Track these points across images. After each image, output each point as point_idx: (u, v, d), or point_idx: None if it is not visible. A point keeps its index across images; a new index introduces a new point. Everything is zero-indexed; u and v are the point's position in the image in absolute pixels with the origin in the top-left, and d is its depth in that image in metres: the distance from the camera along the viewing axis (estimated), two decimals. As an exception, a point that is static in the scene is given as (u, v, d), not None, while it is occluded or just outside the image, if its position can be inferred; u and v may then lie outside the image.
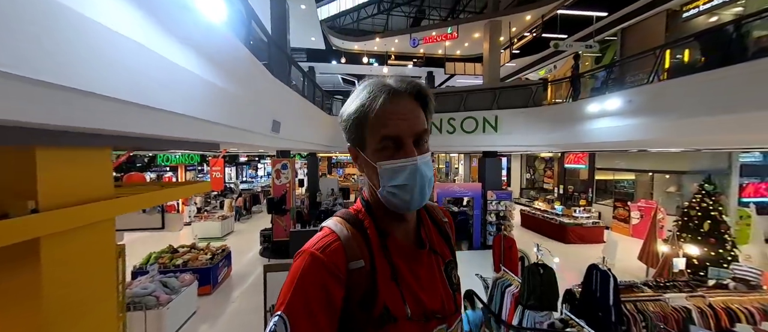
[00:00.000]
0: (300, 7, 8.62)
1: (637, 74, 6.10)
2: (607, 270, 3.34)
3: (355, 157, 0.63)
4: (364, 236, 0.59)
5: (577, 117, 6.65)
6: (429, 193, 0.59)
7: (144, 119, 1.71)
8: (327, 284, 0.52)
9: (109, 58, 1.35)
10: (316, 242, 0.57)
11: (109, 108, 1.44)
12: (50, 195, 1.52)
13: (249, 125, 3.36)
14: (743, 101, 3.73)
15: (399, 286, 0.58)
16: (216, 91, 2.45)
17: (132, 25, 1.48)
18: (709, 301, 3.58)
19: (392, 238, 0.61)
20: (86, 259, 1.75)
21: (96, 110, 1.39)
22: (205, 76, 2.23)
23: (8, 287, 1.47)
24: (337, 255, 0.55)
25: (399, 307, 0.56)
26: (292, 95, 5.50)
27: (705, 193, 5.91)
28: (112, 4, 1.37)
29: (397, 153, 0.57)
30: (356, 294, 0.55)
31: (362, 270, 0.56)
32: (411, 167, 0.55)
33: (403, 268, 0.60)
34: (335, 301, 0.53)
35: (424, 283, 0.62)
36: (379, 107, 0.55)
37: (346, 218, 0.62)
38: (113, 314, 1.99)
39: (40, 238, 1.45)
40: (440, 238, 0.71)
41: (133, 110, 1.59)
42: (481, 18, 9.67)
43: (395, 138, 0.56)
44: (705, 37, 4.57)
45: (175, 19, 1.86)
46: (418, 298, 0.59)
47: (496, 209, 8.49)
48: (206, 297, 5.57)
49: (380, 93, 0.56)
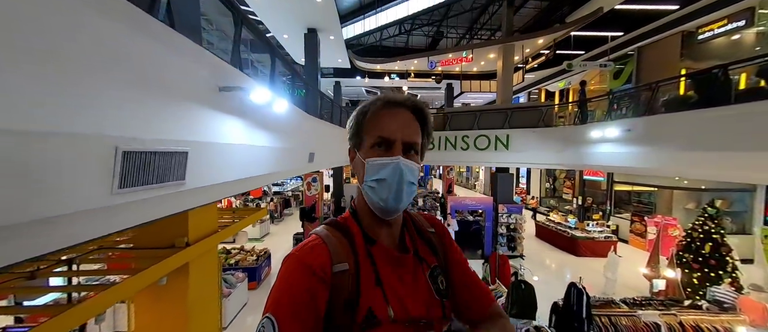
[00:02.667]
0: (329, 38, 9.76)
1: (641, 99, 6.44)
2: (582, 288, 3.98)
3: (352, 157, 0.68)
4: (349, 241, 0.62)
5: (584, 140, 7.09)
6: (407, 198, 0.62)
7: (243, 185, 2.74)
8: (312, 286, 0.55)
9: (233, 158, 2.37)
10: (303, 248, 0.60)
11: (232, 187, 2.47)
12: (193, 234, 2.60)
13: (294, 164, 4.40)
14: (733, 141, 4.09)
15: (383, 290, 0.59)
16: (276, 150, 3.47)
17: (241, 136, 2.50)
18: (680, 319, 4.10)
19: (378, 244, 0.64)
20: (207, 270, 2.82)
21: (224, 189, 2.42)
22: (271, 145, 3.25)
23: (172, 288, 2.55)
24: (321, 258, 0.57)
25: (382, 309, 0.58)
26: (323, 124, 6.53)
27: (708, 216, 6.15)
28: (235, 129, 2.39)
29: (385, 154, 0.62)
30: (340, 296, 0.57)
31: (346, 273, 0.58)
32: (393, 165, 0.60)
33: (388, 273, 0.62)
34: (320, 302, 0.55)
35: (409, 289, 0.63)
36: (377, 110, 0.63)
37: (333, 225, 0.66)
38: (217, 303, 3.08)
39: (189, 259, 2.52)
40: (425, 246, 0.73)
41: (240, 182, 2.62)
42: (494, 42, 10.21)
43: (387, 139, 0.62)
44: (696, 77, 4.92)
45: (260, 121, 2.88)
46: (402, 302, 0.60)
47: (507, 222, 9.05)
48: (253, 292, 6.79)
49: (379, 101, 0.64)
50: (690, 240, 6.29)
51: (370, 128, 0.64)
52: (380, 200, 0.60)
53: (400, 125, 0.62)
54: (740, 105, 4.15)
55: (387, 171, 0.60)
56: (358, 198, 0.68)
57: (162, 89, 1.65)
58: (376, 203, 0.61)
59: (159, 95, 1.62)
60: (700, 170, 5.04)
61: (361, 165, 0.64)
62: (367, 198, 0.63)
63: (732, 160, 4.24)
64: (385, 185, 0.60)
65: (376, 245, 0.64)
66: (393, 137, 0.62)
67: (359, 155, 0.65)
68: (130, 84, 1.41)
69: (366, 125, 0.64)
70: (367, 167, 0.62)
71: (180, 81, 1.83)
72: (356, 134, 0.66)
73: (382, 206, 0.61)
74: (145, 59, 1.52)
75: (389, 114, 0.63)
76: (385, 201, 0.60)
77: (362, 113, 0.65)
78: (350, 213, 0.69)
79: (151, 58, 1.57)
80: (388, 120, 0.63)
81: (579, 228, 9.68)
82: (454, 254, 0.75)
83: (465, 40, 13.28)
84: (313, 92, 6.59)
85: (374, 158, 0.62)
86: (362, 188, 0.64)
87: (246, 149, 2.66)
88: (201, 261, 2.70)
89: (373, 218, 0.65)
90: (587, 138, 6.87)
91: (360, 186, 0.65)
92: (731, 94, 4.42)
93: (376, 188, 0.61)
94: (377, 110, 0.63)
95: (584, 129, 7.06)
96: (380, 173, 0.60)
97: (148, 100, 1.53)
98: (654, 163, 5.43)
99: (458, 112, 9.91)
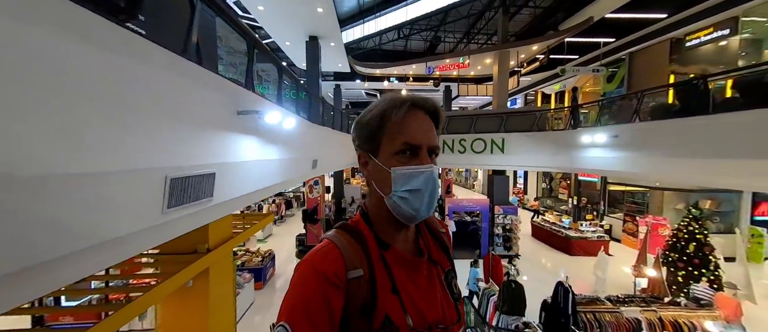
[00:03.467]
0: (330, 44, 10.03)
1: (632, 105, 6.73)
2: (569, 287, 4.29)
3: (365, 163, 0.66)
4: (362, 247, 0.61)
5: (575, 144, 7.38)
6: (436, 203, 0.63)
7: (257, 196, 3.03)
8: (327, 293, 0.54)
9: (249, 173, 2.67)
10: (316, 254, 0.59)
11: (248, 198, 2.77)
12: (212, 241, 2.89)
13: (300, 172, 4.69)
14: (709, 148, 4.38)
15: (399, 297, 0.58)
16: (285, 161, 3.76)
17: (255, 153, 2.79)
18: (659, 315, 4.41)
19: (392, 249, 0.63)
20: (224, 272, 3.12)
21: (241, 201, 2.71)
22: (280, 157, 3.54)
23: (196, 289, 2.84)
24: (336, 265, 0.56)
25: (400, 317, 0.57)
26: (325, 131, 6.81)
27: (692, 217, 6.47)
28: (250, 147, 2.68)
29: (411, 161, 0.60)
30: (356, 302, 0.56)
31: (361, 279, 0.57)
32: (427, 174, 0.59)
33: (403, 278, 0.61)
34: (336, 310, 0.54)
35: (425, 293, 0.63)
36: (401, 116, 0.60)
37: (345, 229, 0.64)
38: (232, 302, 3.37)
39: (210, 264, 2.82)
40: (438, 248, 0.72)
41: (254, 194, 2.91)
42: (490, 49, 10.51)
43: (414, 146, 0.59)
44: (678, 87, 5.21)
45: (270, 137, 3.17)
46: (418, 308, 0.60)
47: (503, 223, 9.36)
48: (259, 292, 7.09)
49: (402, 104, 0.61)
50: (676, 240, 6.61)
51: (392, 134, 0.60)
52: (413, 210, 0.59)
53: (424, 130, 0.61)
54: (718, 115, 4.44)
55: (420, 181, 0.58)
56: (372, 202, 0.66)
57: (193, 120, 1.93)
58: (407, 213, 0.59)
59: (191, 125, 1.91)
60: (682, 176, 5.34)
61: (382, 173, 0.61)
62: (394, 208, 0.60)
63: (712, 167, 4.53)
64: (419, 195, 0.58)
65: (390, 250, 0.63)
66: (420, 143, 0.59)
67: (377, 161, 0.62)
68: (173, 120, 1.69)
69: (387, 131, 0.61)
70: (395, 176, 0.59)
71: (206, 110, 2.12)
72: (372, 139, 0.63)
73: (413, 216, 0.59)
74: (181, 96, 1.81)
75: (414, 118, 0.60)
76: (417, 211, 0.59)
77: (380, 117, 0.61)
78: (361, 216, 0.67)
79: (185, 94, 1.86)
80: (414, 126, 0.60)
81: (573, 228, 9.99)
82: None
83: (462, 44, 13.59)
84: (315, 100, 6.87)
85: (403, 167, 0.59)
86: (390, 199, 0.60)
87: (259, 164, 2.95)
88: (219, 264, 2.99)
89: (390, 223, 0.63)
90: (578, 142, 7.17)
91: (377, 192, 0.62)
92: (709, 104, 4.71)
93: (409, 198, 0.58)
94: (403, 114, 0.60)
95: (575, 134, 7.36)
96: (413, 183, 0.58)
97: (185, 131, 1.82)
98: (639, 168, 5.73)
99: (456, 116, 10.21)
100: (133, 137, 1.38)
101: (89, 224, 1.21)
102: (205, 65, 2.11)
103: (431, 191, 0.59)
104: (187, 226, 1.94)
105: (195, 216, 1.98)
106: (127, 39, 1.38)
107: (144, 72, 1.49)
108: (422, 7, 11.15)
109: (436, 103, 0.64)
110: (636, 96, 5.73)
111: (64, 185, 1.08)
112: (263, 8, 7.68)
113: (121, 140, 1.31)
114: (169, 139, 1.66)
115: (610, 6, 7.96)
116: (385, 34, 12.79)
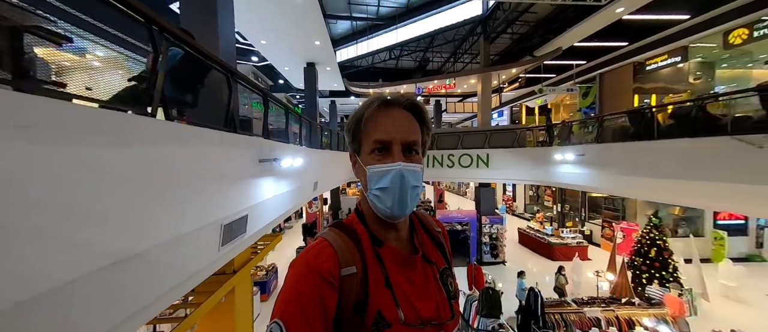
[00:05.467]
0: (326, 69, 10.80)
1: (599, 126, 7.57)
2: (538, 292, 4.98)
3: (354, 162, 0.68)
4: (356, 244, 0.61)
5: (550, 160, 8.18)
6: (412, 202, 0.62)
7: (272, 225, 3.69)
8: (321, 290, 0.54)
9: (269, 208, 3.33)
10: (310, 251, 0.60)
11: (266, 229, 3.43)
12: (237, 264, 3.53)
13: (304, 196, 5.34)
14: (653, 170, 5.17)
15: (392, 292, 0.59)
16: (294, 191, 4.42)
17: (272, 190, 3.46)
18: (616, 314, 5.13)
19: (386, 246, 0.64)
20: (245, 289, 3.75)
21: (262, 232, 3.36)
22: (290, 188, 4.20)
23: (226, 304, 3.47)
24: (330, 262, 0.57)
25: (392, 312, 0.58)
26: (322, 154, 7.47)
27: (653, 225, 7.26)
28: (268, 186, 3.35)
29: (385, 159, 0.61)
30: (349, 299, 0.57)
31: (355, 276, 0.58)
32: (394, 172, 0.59)
33: (397, 274, 0.62)
34: (329, 307, 0.55)
35: (419, 290, 0.63)
36: (372, 113, 0.62)
37: (340, 228, 0.65)
38: (251, 314, 3.99)
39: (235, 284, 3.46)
40: (434, 247, 0.73)
41: (271, 223, 3.57)
42: (473, 72, 11.40)
43: (384, 142, 0.61)
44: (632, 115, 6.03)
45: (282, 173, 3.84)
46: (412, 304, 0.60)
47: (490, 232, 10.08)
48: (264, 303, 7.64)
49: (375, 102, 0.63)
50: (640, 246, 7.39)
51: (367, 132, 0.63)
52: (386, 208, 0.61)
53: (397, 125, 0.62)
54: (658, 141, 5.24)
55: (388, 179, 0.60)
56: (364, 200, 0.68)
57: (232, 176, 2.60)
58: (382, 210, 0.62)
59: (232, 180, 2.57)
60: (629, 191, 6.13)
61: (362, 172, 0.64)
62: (372, 206, 0.63)
63: (651, 184, 5.32)
64: (388, 193, 0.60)
65: (384, 247, 0.64)
66: (390, 139, 0.61)
67: (360, 160, 0.65)
68: (222, 181, 2.36)
69: (363, 129, 0.64)
70: (369, 175, 0.62)
71: (239, 165, 2.78)
72: (354, 139, 0.66)
73: (388, 214, 0.62)
74: (226, 161, 2.48)
75: (385, 115, 0.62)
76: (390, 209, 0.60)
77: (358, 118, 0.64)
78: (356, 214, 0.68)
79: (228, 158, 2.53)
80: (385, 122, 0.62)
81: (555, 235, 10.75)
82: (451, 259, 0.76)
83: (450, 63, 14.55)
84: (315, 128, 7.54)
85: (374, 166, 0.61)
86: (367, 196, 0.63)
87: (275, 198, 3.61)
88: (242, 282, 3.62)
89: (380, 221, 0.65)
90: (552, 159, 7.96)
91: (365, 193, 0.65)
92: (655, 130, 5.52)
93: (381, 196, 0.60)
94: (373, 112, 0.62)
95: (550, 151, 8.16)
96: (382, 182, 0.60)
97: (228, 186, 2.49)
98: (600, 183, 6.52)
99: (444, 133, 10.98)
100: (204, 203, 2.06)
101: (184, 265, 1.87)
102: (241, 131, 2.80)
103: (400, 188, 0.60)
104: (230, 256, 2.60)
105: (235, 248, 2.63)
106: (199, 133, 2.06)
107: (209, 152, 2.16)
108: (410, 32, 12.03)
109: (413, 98, 0.66)
110: (597, 120, 6.54)
111: (177, 243, 1.74)
112: (266, 42, 8.41)
113: (199, 207, 1.98)
114: (221, 196, 2.33)
115: (575, 38, 8.90)
116: (378, 54, 13.61)
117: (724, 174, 4.16)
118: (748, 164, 3.86)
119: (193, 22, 3.78)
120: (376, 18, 11.47)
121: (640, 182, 5.53)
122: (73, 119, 1.17)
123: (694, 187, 4.58)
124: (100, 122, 1.30)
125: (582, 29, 8.04)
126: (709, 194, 4.54)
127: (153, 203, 1.56)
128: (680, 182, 4.63)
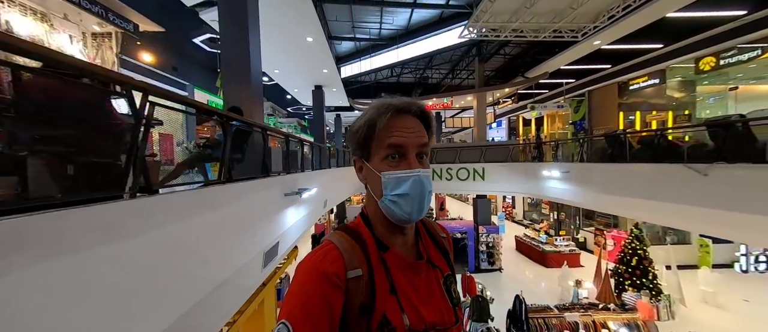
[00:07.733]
0: (332, 90, 11.65)
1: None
2: (522, 299, 5.66)
3: (360, 168, 0.69)
4: (362, 248, 0.63)
5: (539, 175, 8.86)
6: (427, 206, 0.64)
7: (292, 245, 4.45)
8: (327, 292, 0.56)
9: (292, 232, 4.09)
10: (317, 254, 0.61)
11: (290, 246, 4.18)
12: (266, 279, 4.28)
13: (316, 214, 6.10)
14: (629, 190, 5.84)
15: (397, 297, 0.60)
16: (309, 213, 5.19)
17: (293, 216, 4.22)
18: (593, 318, 5.78)
19: (391, 251, 0.65)
20: (271, 298, 4.50)
21: (287, 250, 4.12)
22: (306, 212, 4.96)
23: (258, 313, 4.21)
24: (336, 265, 0.59)
25: (397, 317, 0.58)
26: (329, 172, 8.23)
27: (634, 236, 7.89)
28: (291, 214, 4.11)
29: (400, 164, 0.63)
30: (355, 302, 0.58)
31: (360, 279, 0.59)
32: (414, 179, 0.61)
33: (401, 280, 0.63)
34: (335, 309, 0.56)
35: (423, 295, 0.65)
36: (387, 121, 0.63)
37: (346, 231, 0.67)
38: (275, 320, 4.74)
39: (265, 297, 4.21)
40: (438, 252, 0.75)
41: (292, 244, 4.32)
42: (469, 91, 12.20)
43: (399, 148, 0.63)
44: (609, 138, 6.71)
45: (301, 203, 4.60)
46: (416, 310, 0.61)
47: (487, 241, 10.74)
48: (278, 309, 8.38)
49: (388, 110, 0.63)
50: (623, 255, 8.01)
51: (380, 139, 0.64)
52: (404, 214, 0.62)
53: (411, 132, 0.63)
54: (629, 163, 5.92)
55: (408, 186, 0.61)
56: (369, 205, 0.69)
57: (267, 212, 3.35)
58: (399, 216, 0.62)
59: (267, 215, 3.33)
60: (611, 208, 6.80)
61: (374, 178, 0.65)
62: (387, 211, 0.64)
63: (622, 202, 5.98)
64: (408, 199, 0.61)
65: (389, 252, 0.65)
66: (406, 145, 0.63)
67: (370, 166, 0.66)
68: (261, 217, 3.12)
69: (375, 136, 0.64)
70: (385, 181, 0.63)
71: (270, 202, 3.54)
72: (363, 144, 0.66)
73: (406, 219, 0.62)
74: (263, 200, 3.24)
75: (399, 122, 0.64)
76: (409, 215, 0.62)
77: (370, 124, 0.64)
78: (361, 219, 0.70)
79: (264, 198, 3.29)
80: (400, 129, 0.63)
81: (549, 243, 11.37)
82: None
83: (448, 79, 15.40)
84: (324, 151, 8.31)
85: (391, 172, 0.63)
86: (381, 203, 0.63)
87: (296, 223, 4.37)
88: (270, 293, 4.37)
89: (388, 226, 0.66)
90: (541, 174, 8.64)
91: (373, 196, 0.66)
92: (627, 153, 6.19)
93: (399, 202, 0.61)
94: (388, 119, 0.63)
95: (539, 166, 8.84)
96: (401, 188, 0.61)
97: (265, 220, 3.24)
98: (583, 199, 7.19)
99: (443, 148, 11.73)
100: (253, 238, 2.82)
101: (244, 284, 2.63)
102: (272, 174, 3.56)
103: (420, 194, 0.62)
104: (266, 274, 3.35)
105: (270, 268, 3.39)
106: (248, 185, 2.83)
107: (255, 198, 2.93)
108: (410, 51, 12.86)
109: (422, 105, 0.68)
110: (580, 141, 7.23)
111: (241, 270, 2.50)
112: (278, 71, 9.27)
113: (251, 242, 2.75)
114: (261, 229, 3.09)
115: (560, 63, 9.66)
116: (380, 72, 14.46)
117: (680, 196, 4.83)
118: (698, 188, 4.53)
119: (231, 59, 4.69)
120: (378, 38, 12.33)
121: (616, 200, 6.20)
122: (192, 200, 1.95)
123: (658, 206, 5.25)
124: (204, 197, 2.07)
125: (565, 57, 8.79)
126: (670, 213, 5.20)
127: (230, 244, 2.33)
128: (648, 202, 5.30)
